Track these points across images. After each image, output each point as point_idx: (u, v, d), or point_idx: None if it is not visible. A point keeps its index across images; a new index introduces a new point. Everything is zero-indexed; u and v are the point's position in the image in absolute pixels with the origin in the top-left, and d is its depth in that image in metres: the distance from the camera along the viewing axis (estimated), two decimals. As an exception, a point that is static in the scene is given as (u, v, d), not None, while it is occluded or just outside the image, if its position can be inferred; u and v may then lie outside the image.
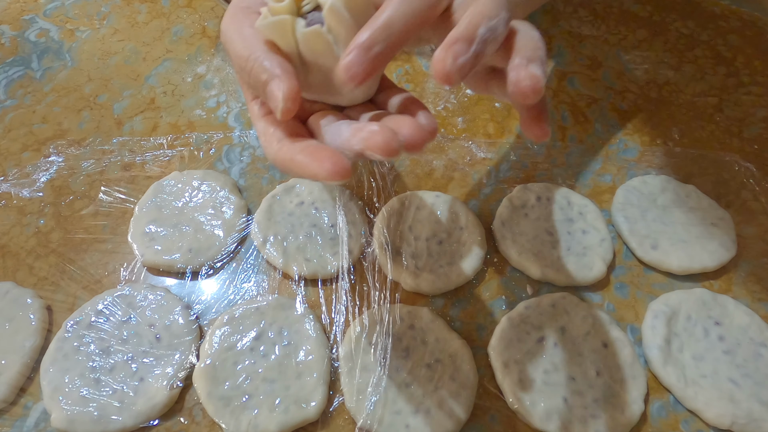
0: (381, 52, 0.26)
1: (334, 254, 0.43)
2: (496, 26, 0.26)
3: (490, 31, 0.26)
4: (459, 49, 0.25)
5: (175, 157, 0.50)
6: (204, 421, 0.37)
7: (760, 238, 0.45)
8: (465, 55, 0.25)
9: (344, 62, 0.25)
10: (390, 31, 0.26)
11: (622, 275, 0.43)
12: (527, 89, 0.25)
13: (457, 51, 0.25)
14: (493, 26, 0.26)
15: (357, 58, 0.25)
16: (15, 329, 0.40)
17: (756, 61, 0.57)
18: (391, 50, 0.26)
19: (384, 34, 0.26)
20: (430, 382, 0.37)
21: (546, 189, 0.47)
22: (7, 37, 0.60)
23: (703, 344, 0.39)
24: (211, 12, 0.62)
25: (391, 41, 0.26)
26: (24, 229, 0.46)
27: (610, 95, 0.55)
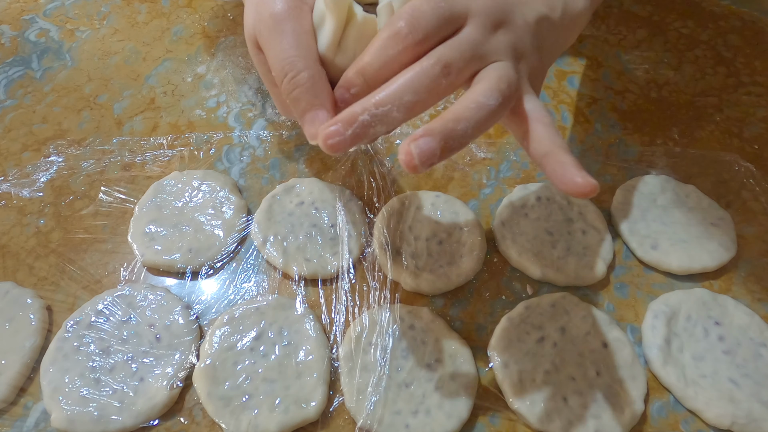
0: (357, 94, 0.28)
1: (334, 254, 0.43)
2: (479, 120, 0.27)
3: (472, 126, 0.27)
4: (426, 146, 0.26)
5: (175, 157, 0.50)
6: (204, 421, 0.37)
7: (760, 238, 0.45)
8: (432, 149, 0.26)
9: (325, 131, 0.26)
10: (365, 78, 0.28)
11: (622, 275, 0.43)
12: (582, 191, 0.27)
13: (423, 147, 0.26)
14: (477, 120, 0.27)
15: (339, 95, 0.28)
16: (15, 329, 0.40)
17: (756, 61, 0.57)
18: (367, 91, 0.28)
19: (360, 80, 0.28)
20: (430, 382, 0.37)
21: (546, 189, 0.47)
22: (7, 37, 0.60)
23: (703, 344, 0.39)
24: (210, 12, 0.62)
25: (366, 86, 0.28)
26: (24, 229, 0.46)
27: (610, 95, 0.55)
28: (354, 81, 0.28)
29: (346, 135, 0.26)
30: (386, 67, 0.28)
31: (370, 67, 0.28)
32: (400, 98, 0.27)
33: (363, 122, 0.26)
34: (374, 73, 0.28)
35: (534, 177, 0.49)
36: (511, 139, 0.51)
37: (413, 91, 0.27)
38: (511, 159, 0.50)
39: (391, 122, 0.27)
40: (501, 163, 0.50)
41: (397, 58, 0.28)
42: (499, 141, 0.51)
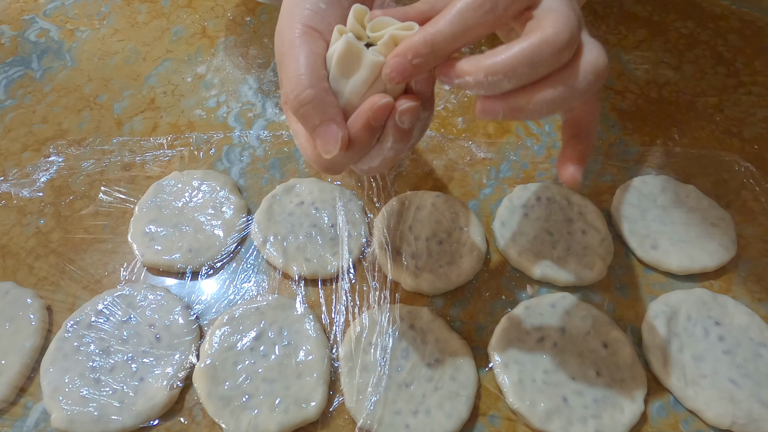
0: (420, 65, 0.27)
1: (334, 254, 0.43)
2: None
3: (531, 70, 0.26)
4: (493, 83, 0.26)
5: (175, 157, 0.50)
6: (204, 421, 0.37)
7: (760, 238, 0.45)
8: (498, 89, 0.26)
9: (387, 66, 0.27)
10: (433, 49, 0.27)
11: (622, 275, 0.43)
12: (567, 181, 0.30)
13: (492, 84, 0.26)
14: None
15: (397, 65, 0.27)
16: (15, 329, 0.40)
17: (756, 61, 0.57)
18: (432, 63, 0.27)
19: (427, 50, 0.27)
20: (430, 382, 0.37)
21: (546, 189, 0.47)
22: (7, 37, 0.60)
23: (703, 344, 0.39)
24: (211, 12, 0.62)
25: (433, 57, 0.27)
26: (24, 229, 0.46)
27: (610, 95, 0.55)
28: (419, 50, 0.27)
29: (453, 83, 0.27)
30: (459, 40, 0.27)
31: (441, 37, 0.27)
32: (515, 68, 0.26)
33: (467, 82, 0.27)
34: (445, 44, 0.27)
35: (534, 177, 0.49)
36: (511, 139, 0.51)
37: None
38: (511, 159, 0.50)
39: (499, 90, 0.27)
40: (501, 163, 0.50)
41: (474, 30, 0.27)
42: (499, 141, 0.51)
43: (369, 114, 0.28)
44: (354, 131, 0.29)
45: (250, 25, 0.61)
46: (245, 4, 0.63)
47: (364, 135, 0.29)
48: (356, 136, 0.29)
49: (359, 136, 0.29)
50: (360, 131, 0.29)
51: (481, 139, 0.51)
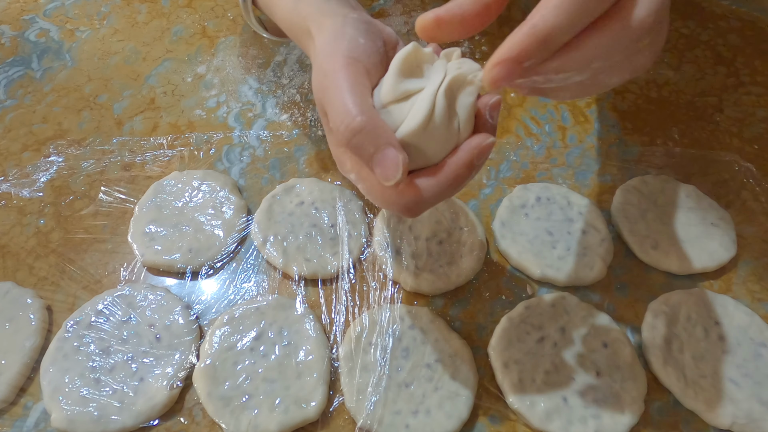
0: (531, 67, 0.24)
1: (334, 254, 0.43)
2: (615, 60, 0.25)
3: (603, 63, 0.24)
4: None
5: (175, 157, 0.50)
6: (204, 421, 0.37)
7: (760, 238, 0.45)
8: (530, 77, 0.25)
9: (492, 74, 0.24)
10: (548, 44, 0.23)
11: (622, 275, 0.43)
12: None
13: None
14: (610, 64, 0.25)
15: (505, 72, 0.24)
16: (15, 329, 0.40)
17: (756, 61, 0.57)
18: (542, 62, 0.25)
19: (539, 48, 0.23)
20: (430, 382, 0.37)
21: (546, 189, 0.47)
22: (7, 37, 0.60)
23: (703, 344, 0.39)
24: (211, 12, 0.62)
25: (547, 54, 0.24)
26: (24, 229, 0.46)
27: (610, 95, 0.55)
28: (530, 50, 0.23)
29: (513, 84, 0.24)
30: (575, 30, 0.23)
31: (556, 30, 0.23)
32: (588, 63, 0.24)
33: (535, 81, 0.25)
34: (560, 39, 0.23)
35: (534, 177, 0.49)
36: (512, 139, 0.51)
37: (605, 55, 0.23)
38: (511, 159, 0.50)
39: (567, 83, 0.25)
40: (501, 163, 0.50)
41: (593, 14, 0.23)
42: (499, 141, 0.51)
43: (475, 152, 0.27)
44: (453, 169, 0.27)
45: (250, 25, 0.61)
46: (245, 4, 0.63)
47: (464, 174, 0.27)
48: (457, 174, 0.27)
49: (460, 174, 0.27)
50: (461, 169, 0.27)
51: (481, 139, 0.51)
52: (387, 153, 0.26)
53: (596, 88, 0.27)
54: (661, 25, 0.25)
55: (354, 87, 0.28)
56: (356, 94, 0.28)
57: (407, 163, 0.26)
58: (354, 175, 0.30)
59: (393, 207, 0.29)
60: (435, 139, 0.27)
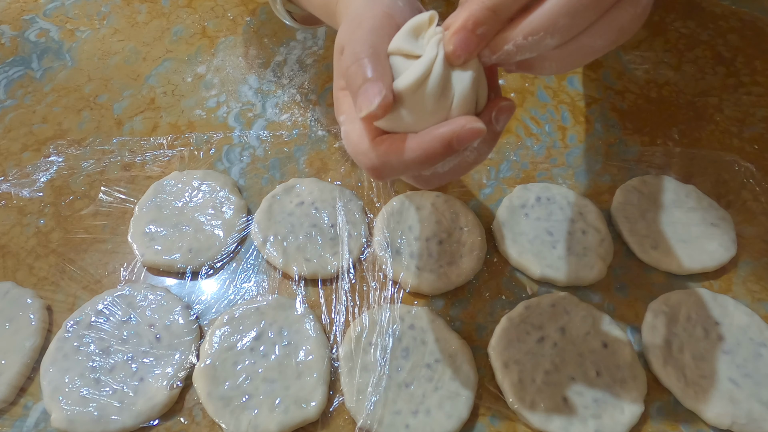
0: (484, 34, 0.25)
1: (334, 254, 0.43)
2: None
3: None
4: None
5: (175, 157, 0.50)
6: (204, 421, 0.37)
7: (760, 238, 0.45)
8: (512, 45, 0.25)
9: (451, 44, 0.25)
10: (496, 12, 0.24)
11: (622, 275, 0.43)
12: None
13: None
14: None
15: (462, 40, 0.25)
16: (15, 329, 0.40)
17: (756, 61, 0.57)
18: (496, 29, 0.25)
19: (489, 14, 0.24)
20: (430, 382, 0.37)
21: (546, 189, 0.47)
22: (7, 37, 0.60)
23: (703, 344, 0.39)
24: (211, 12, 0.62)
25: (497, 22, 0.25)
26: (24, 229, 0.46)
27: (610, 95, 0.55)
28: (480, 18, 0.24)
29: (491, 60, 0.25)
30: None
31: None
32: (554, 23, 0.24)
33: (507, 51, 0.25)
34: (509, 4, 0.24)
35: (534, 177, 0.49)
36: (512, 139, 0.51)
37: (568, 13, 0.24)
38: (511, 159, 0.50)
39: (543, 49, 0.25)
40: (501, 163, 0.50)
41: None
42: (499, 141, 0.51)
43: (456, 132, 0.25)
44: (425, 141, 0.26)
45: (250, 25, 0.61)
46: (245, 4, 0.63)
47: (437, 150, 0.26)
48: (427, 147, 0.26)
49: (431, 148, 0.26)
50: (434, 144, 0.26)
51: (481, 139, 0.51)
52: (373, 84, 0.26)
53: (582, 53, 0.26)
54: None
55: (374, 30, 0.28)
56: (375, 34, 0.28)
57: (389, 102, 0.26)
58: (344, 117, 0.30)
59: (362, 160, 0.28)
60: (421, 105, 0.27)
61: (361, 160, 0.28)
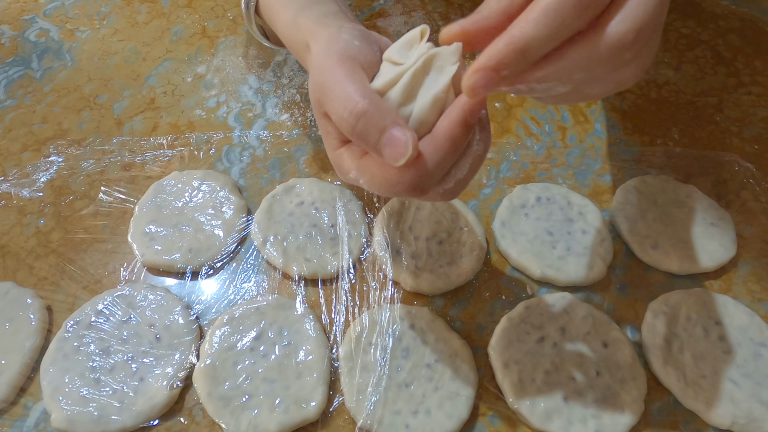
0: (510, 75, 0.24)
1: (334, 254, 0.43)
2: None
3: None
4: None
5: (175, 157, 0.50)
6: (204, 421, 0.37)
7: (760, 238, 0.45)
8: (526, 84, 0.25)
9: (471, 81, 0.24)
10: (525, 55, 0.24)
11: (622, 275, 0.43)
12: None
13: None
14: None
15: (483, 80, 0.24)
16: (15, 329, 0.40)
17: (756, 61, 0.57)
18: (523, 71, 0.25)
19: (518, 59, 0.24)
20: (430, 382, 0.37)
21: (546, 189, 0.47)
22: (7, 37, 0.60)
23: (703, 344, 0.39)
24: (211, 12, 0.62)
25: (525, 65, 0.24)
26: (24, 229, 0.46)
27: (610, 95, 0.55)
28: (508, 60, 0.23)
29: (495, 90, 0.24)
30: (553, 43, 0.24)
31: (535, 42, 0.23)
32: (570, 75, 0.24)
33: (518, 89, 0.25)
34: (539, 50, 0.24)
35: (534, 177, 0.49)
36: (512, 139, 0.51)
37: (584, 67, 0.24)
38: (511, 159, 0.50)
39: (553, 93, 0.25)
40: (501, 163, 0.50)
41: (571, 28, 0.23)
42: (499, 141, 0.51)
43: (465, 108, 0.26)
44: (448, 130, 0.26)
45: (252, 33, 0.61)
46: (245, 4, 0.63)
47: (459, 133, 0.26)
48: (452, 134, 0.26)
49: (455, 134, 0.26)
50: (456, 129, 0.26)
51: (481, 139, 0.51)
52: (394, 133, 0.26)
53: (579, 97, 0.27)
54: (649, 42, 0.25)
55: (352, 76, 0.28)
56: (356, 81, 0.28)
57: (416, 140, 0.26)
58: (354, 172, 0.30)
59: (400, 190, 0.27)
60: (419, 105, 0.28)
61: (399, 189, 0.27)
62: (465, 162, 0.29)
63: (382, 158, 0.27)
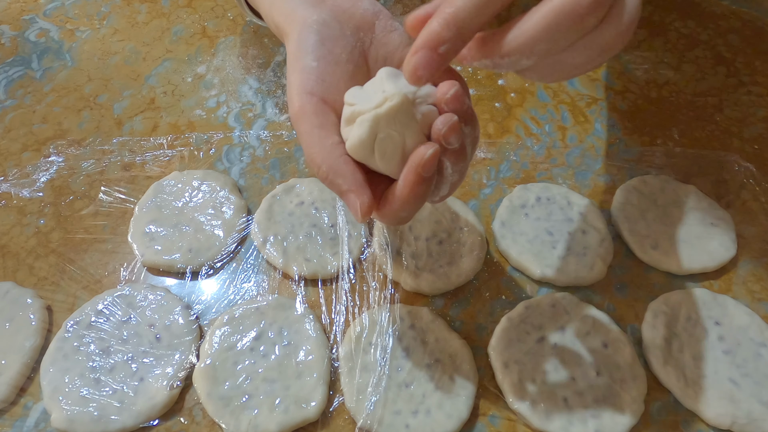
0: (447, 52, 0.24)
1: (334, 254, 0.43)
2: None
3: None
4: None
5: (175, 157, 0.50)
6: (204, 421, 0.37)
7: (760, 238, 0.45)
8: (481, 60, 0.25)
9: (411, 65, 0.25)
10: (458, 28, 0.24)
11: (622, 275, 0.43)
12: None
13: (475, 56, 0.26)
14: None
15: (423, 59, 0.24)
16: (15, 329, 0.40)
17: (756, 61, 0.57)
18: (460, 47, 0.25)
19: (452, 33, 0.24)
20: (430, 382, 0.37)
21: (546, 189, 0.47)
22: (7, 37, 0.60)
23: (703, 344, 0.39)
24: (211, 12, 0.62)
25: (460, 39, 0.24)
26: (24, 229, 0.46)
27: (610, 95, 0.55)
28: (443, 35, 0.24)
29: (471, 64, 0.26)
30: (485, 12, 0.24)
31: (464, 13, 0.24)
32: (531, 47, 0.24)
33: (485, 64, 0.25)
34: (471, 22, 0.24)
35: (534, 177, 0.49)
36: (512, 139, 0.51)
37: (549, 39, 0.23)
38: (511, 159, 0.50)
39: (521, 67, 0.25)
40: (501, 163, 0.50)
41: (497, 3, 0.24)
42: (499, 141, 0.51)
43: (419, 169, 0.27)
44: (409, 189, 0.27)
45: (250, 25, 0.61)
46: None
47: (420, 189, 0.27)
48: (413, 191, 0.27)
49: (416, 191, 0.27)
50: (415, 187, 0.27)
51: (481, 139, 0.51)
52: (348, 198, 0.28)
53: (562, 69, 0.26)
54: (617, 1, 0.25)
55: (312, 132, 0.29)
56: (314, 142, 0.28)
57: (367, 204, 0.27)
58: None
59: (387, 222, 0.30)
60: (380, 156, 0.28)
61: (383, 222, 0.30)
62: (443, 187, 0.30)
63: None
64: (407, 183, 0.27)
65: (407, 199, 0.28)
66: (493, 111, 0.53)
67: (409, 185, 0.27)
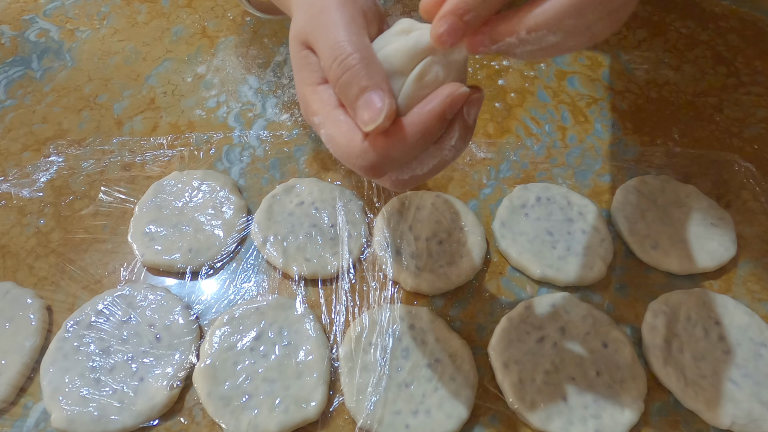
0: (473, 20, 0.24)
1: (334, 254, 0.43)
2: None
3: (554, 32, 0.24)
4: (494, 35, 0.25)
5: (175, 157, 0.50)
6: (204, 421, 0.37)
7: (760, 238, 0.45)
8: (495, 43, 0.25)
9: (437, 30, 0.24)
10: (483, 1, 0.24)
11: (622, 275, 0.43)
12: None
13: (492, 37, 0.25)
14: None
15: (449, 25, 0.24)
16: (15, 329, 0.40)
17: (756, 61, 0.57)
18: (485, 17, 0.25)
19: (477, 2, 0.24)
20: (430, 382, 0.37)
21: (546, 189, 0.47)
22: (7, 37, 0.60)
23: (703, 344, 0.39)
24: (211, 12, 0.62)
25: (486, 9, 0.24)
26: (24, 229, 0.46)
27: (610, 95, 0.55)
28: (469, 3, 0.24)
29: (490, 48, 0.24)
30: None
31: None
32: (559, 22, 0.23)
33: (509, 43, 0.25)
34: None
35: (534, 177, 0.49)
36: (512, 139, 0.51)
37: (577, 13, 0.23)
38: (511, 159, 0.50)
39: (544, 44, 0.25)
40: (501, 163, 0.50)
41: None
42: (499, 141, 0.51)
43: (447, 102, 0.25)
44: (422, 120, 0.25)
45: (250, 25, 0.61)
46: (245, 4, 0.63)
47: (434, 126, 0.25)
48: (426, 126, 0.25)
49: (429, 126, 0.25)
50: (431, 121, 0.25)
51: (481, 139, 0.51)
52: (373, 97, 0.25)
53: (551, 51, 0.26)
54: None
55: (350, 24, 0.27)
56: (352, 31, 0.27)
57: (394, 110, 0.25)
58: (320, 118, 0.28)
59: (356, 163, 0.27)
60: (417, 76, 0.26)
61: (356, 162, 0.27)
62: (429, 161, 0.28)
63: (356, 118, 0.26)
64: (427, 111, 0.25)
65: (420, 128, 0.25)
66: (493, 111, 0.53)
67: (428, 113, 0.25)
